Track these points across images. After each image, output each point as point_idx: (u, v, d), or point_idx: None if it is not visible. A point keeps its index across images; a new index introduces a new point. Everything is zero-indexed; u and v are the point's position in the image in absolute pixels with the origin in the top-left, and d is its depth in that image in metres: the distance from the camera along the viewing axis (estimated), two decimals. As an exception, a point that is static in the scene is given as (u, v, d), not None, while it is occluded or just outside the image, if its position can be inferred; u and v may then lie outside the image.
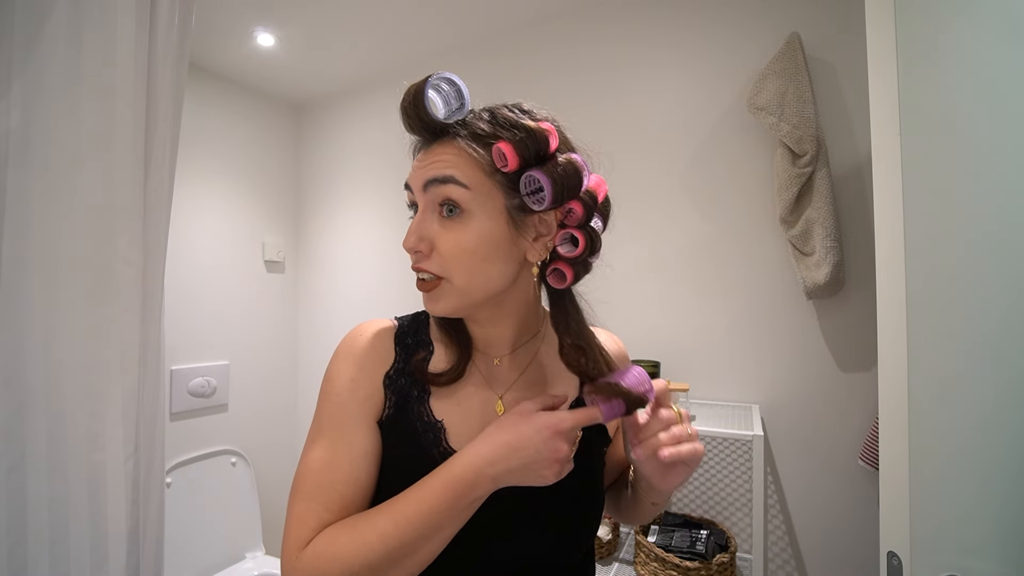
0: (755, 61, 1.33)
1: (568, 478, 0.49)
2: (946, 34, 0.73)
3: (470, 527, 0.48)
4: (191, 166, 1.87)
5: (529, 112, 0.52)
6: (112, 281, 0.83)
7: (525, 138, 0.49)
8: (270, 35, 1.77)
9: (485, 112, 0.53)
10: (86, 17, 0.80)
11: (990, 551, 0.66)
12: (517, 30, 1.74)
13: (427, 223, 0.52)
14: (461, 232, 0.50)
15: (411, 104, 0.50)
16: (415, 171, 0.53)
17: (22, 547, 0.75)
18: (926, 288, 0.71)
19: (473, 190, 0.50)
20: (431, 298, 0.53)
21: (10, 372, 0.75)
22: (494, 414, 0.55)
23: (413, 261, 0.53)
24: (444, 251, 0.51)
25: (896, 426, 0.72)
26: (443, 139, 0.52)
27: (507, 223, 0.51)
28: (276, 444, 2.21)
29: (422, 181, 0.52)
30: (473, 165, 0.50)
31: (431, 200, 0.52)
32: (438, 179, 0.50)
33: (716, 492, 1.38)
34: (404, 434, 0.54)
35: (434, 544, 0.46)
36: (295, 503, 0.51)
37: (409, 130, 0.53)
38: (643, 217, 1.50)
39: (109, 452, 0.82)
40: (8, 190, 0.76)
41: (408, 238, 0.52)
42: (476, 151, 0.50)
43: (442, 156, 0.51)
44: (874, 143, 0.77)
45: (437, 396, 0.55)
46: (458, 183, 0.50)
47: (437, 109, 0.51)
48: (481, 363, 0.59)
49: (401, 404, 0.55)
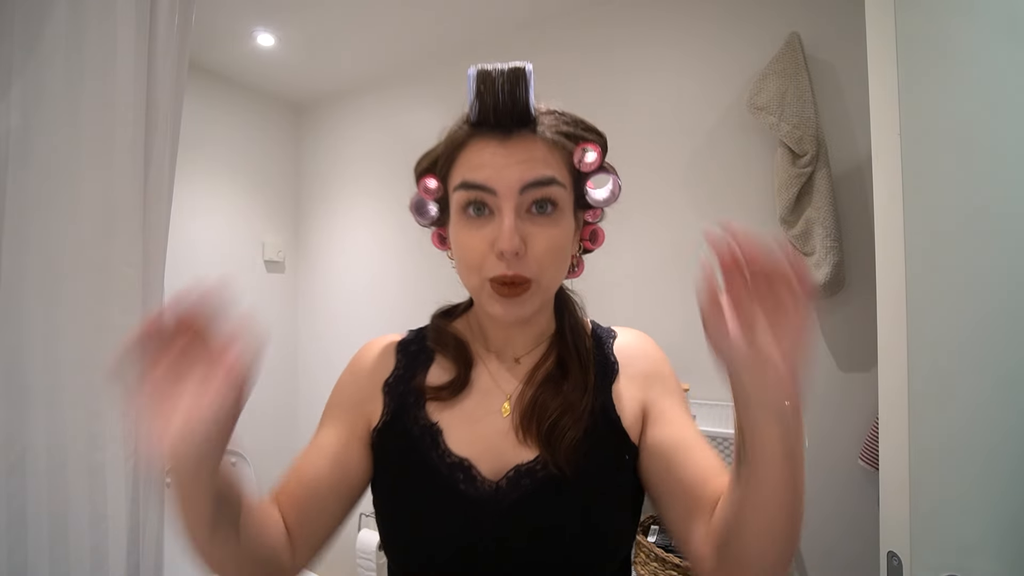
0: (755, 61, 1.32)
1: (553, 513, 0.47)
2: (946, 34, 0.73)
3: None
4: (191, 166, 1.87)
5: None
6: (112, 281, 0.83)
7: (603, 143, 0.52)
8: (270, 35, 1.77)
9: (545, 106, 0.51)
10: (86, 18, 0.80)
11: (990, 551, 0.66)
12: (517, 31, 1.74)
13: (521, 222, 0.48)
14: (553, 229, 0.49)
15: (504, 89, 0.47)
16: (500, 169, 0.47)
17: (22, 547, 0.75)
18: (926, 288, 0.71)
19: (567, 188, 0.50)
20: (518, 303, 0.49)
21: (10, 372, 0.75)
22: (499, 415, 0.53)
23: (505, 267, 0.47)
24: (538, 251, 0.48)
25: (896, 426, 0.72)
26: (520, 132, 0.49)
27: (573, 219, 0.52)
28: (276, 444, 2.21)
29: (518, 183, 0.47)
30: (563, 162, 0.50)
31: (524, 201, 0.48)
32: (541, 181, 0.47)
33: (716, 492, 1.37)
34: (401, 439, 0.53)
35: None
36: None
37: (487, 116, 0.48)
38: (643, 217, 1.50)
39: (109, 452, 0.82)
40: (8, 190, 0.76)
41: (510, 239, 0.46)
42: (562, 148, 0.50)
43: (533, 153, 0.48)
44: (874, 143, 0.77)
45: (435, 403, 0.54)
46: (559, 183, 0.49)
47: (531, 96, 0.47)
48: (492, 364, 0.56)
49: (398, 410, 0.54)
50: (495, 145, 0.48)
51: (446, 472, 0.50)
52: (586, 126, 0.52)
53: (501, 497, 0.48)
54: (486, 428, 0.52)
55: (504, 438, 0.51)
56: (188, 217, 1.88)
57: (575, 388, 0.52)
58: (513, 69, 0.47)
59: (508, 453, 0.50)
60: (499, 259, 0.47)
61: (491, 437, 0.52)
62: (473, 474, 0.50)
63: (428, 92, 1.95)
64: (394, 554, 0.53)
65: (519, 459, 0.50)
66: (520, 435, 0.51)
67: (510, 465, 0.50)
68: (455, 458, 0.50)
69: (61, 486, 0.79)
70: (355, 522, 2.02)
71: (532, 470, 0.49)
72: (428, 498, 0.50)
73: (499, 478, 0.49)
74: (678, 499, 0.48)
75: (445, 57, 1.89)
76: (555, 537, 0.48)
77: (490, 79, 0.47)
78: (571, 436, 0.49)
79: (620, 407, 0.53)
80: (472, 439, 0.52)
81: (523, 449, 0.50)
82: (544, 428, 0.50)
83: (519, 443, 0.50)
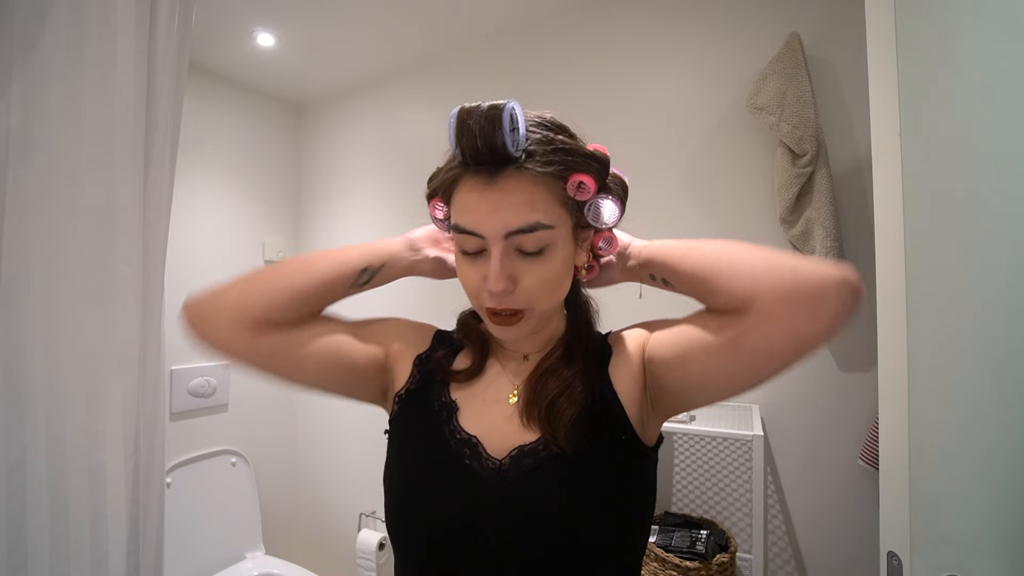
0: (755, 61, 1.32)
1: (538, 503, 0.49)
2: (946, 34, 0.73)
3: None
4: (191, 166, 1.87)
5: (573, 134, 0.52)
6: (112, 281, 0.83)
7: (599, 168, 0.52)
8: (270, 35, 1.77)
9: (536, 135, 0.49)
10: (86, 17, 0.80)
11: (990, 551, 0.66)
12: (518, 32, 1.74)
13: (508, 262, 0.49)
14: (545, 265, 0.50)
15: (480, 132, 0.45)
16: (485, 215, 0.48)
17: (22, 547, 0.75)
18: (926, 288, 0.71)
19: (556, 227, 0.50)
20: (513, 329, 0.52)
21: (10, 372, 0.75)
22: (506, 402, 0.57)
23: (494, 302, 0.50)
24: (530, 286, 0.50)
25: (896, 426, 0.72)
26: (507, 171, 0.48)
27: (572, 241, 0.54)
28: (276, 444, 2.21)
29: (502, 230, 0.48)
30: (551, 199, 0.49)
31: (512, 244, 0.49)
32: (524, 228, 0.48)
33: (716, 492, 1.37)
34: (421, 410, 0.58)
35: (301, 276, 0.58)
36: None
37: (469, 159, 0.48)
38: (643, 217, 1.50)
39: (109, 452, 0.82)
40: (8, 190, 0.76)
41: (497, 282, 0.48)
42: (550, 183, 0.49)
43: (518, 195, 0.48)
44: (874, 143, 0.77)
45: (456, 384, 0.59)
46: (544, 227, 0.48)
47: (510, 138, 0.46)
48: (505, 358, 0.61)
49: (424, 383, 0.59)
50: (481, 187, 0.48)
51: (455, 447, 0.54)
52: (579, 153, 0.50)
53: (503, 475, 0.51)
54: (495, 412, 0.56)
55: (509, 422, 0.55)
56: (188, 217, 1.88)
57: (576, 375, 0.55)
58: (490, 111, 0.45)
59: (513, 435, 0.54)
60: (489, 296, 0.50)
61: (497, 420, 0.55)
62: (479, 451, 0.53)
63: (428, 92, 1.95)
64: (396, 527, 0.55)
65: (523, 440, 0.53)
66: (524, 419, 0.54)
67: (513, 445, 0.53)
68: (464, 435, 0.54)
69: (61, 486, 0.79)
70: (355, 522, 2.02)
71: (534, 450, 0.52)
72: (435, 468, 0.54)
73: (503, 457, 0.52)
74: (698, 356, 0.49)
75: (445, 57, 1.89)
76: (555, 516, 0.49)
77: (466, 124, 0.46)
78: (569, 414, 0.52)
79: (618, 387, 0.55)
80: (481, 421, 0.55)
81: (527, 432, 0.53)
82: (544, 407, 0.53)
83: (523, 427, 0.54)
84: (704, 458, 1.39)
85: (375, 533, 1.92)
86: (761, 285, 0.44)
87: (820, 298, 0.42)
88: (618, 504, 0.51)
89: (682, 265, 0.52)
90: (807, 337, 0.42)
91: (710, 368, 0.48)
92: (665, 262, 0.54)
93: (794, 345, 0.43)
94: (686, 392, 0.52)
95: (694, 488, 1.40)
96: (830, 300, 0.41)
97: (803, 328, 0.42)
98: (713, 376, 0.49)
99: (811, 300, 0.42)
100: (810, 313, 0.42)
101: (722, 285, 0.47)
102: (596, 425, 0.53)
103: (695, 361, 0.49)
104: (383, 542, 1.89)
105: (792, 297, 0.42)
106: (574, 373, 0.55)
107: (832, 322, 0.42)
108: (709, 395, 0.51)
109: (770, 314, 0.43)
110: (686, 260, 0.52)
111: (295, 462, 2.29)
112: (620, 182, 0.57)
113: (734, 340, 0.46)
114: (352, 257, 0.60)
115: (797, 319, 0.42)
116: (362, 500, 2.04)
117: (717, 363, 0.48)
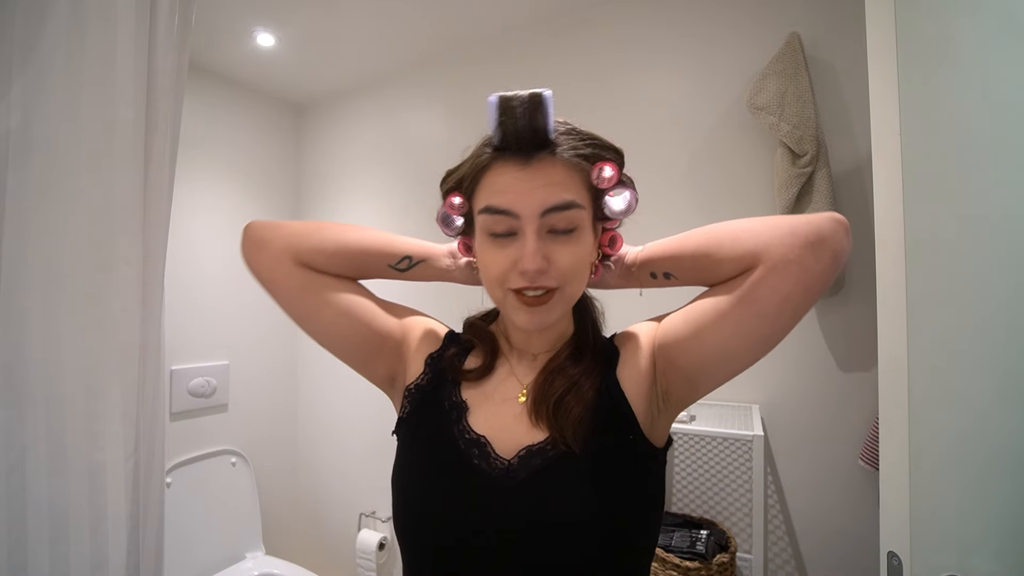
0: (755, 61, 1.33)
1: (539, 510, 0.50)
2: (946, 33, 0.73)
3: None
4: (191, 166, 1.87)
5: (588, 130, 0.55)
6: (112, 281, 0.83)
7: (619, 160, 0.55)
8: (270, 35, 1.77)
9: (561, 126, 0.53)
10: (86, 17, 0.80)
11: (990, 551, 0.66)
12: (518, 31, 1.74)
13: (543, 242, 0.51)
14: (577, 245, 0.52)
15: (524, 116, 0.49)
16: (522, 194, 0.50)
17: (22, 547, 0.75)
18: (926, 288, 0.71)
19: (585, 208, 0.53)
20: (544, 310, 0.53)
21: (10, 372, 0.75)
22: (515, 401, 0.57)
23: (530, 280, 0.51)
24: (564, 265, 0.52)
25: (896, 426, 0.72)
26: (541, 155, 0.51)
27: (593, 230, 0.56)
28: (276, 444, 2.21)
29: (539, 208, 0.50)
30: (581, 183, 0.53)
31: (547, 223, 0.51)
32: (560, 206, 0.51)
33: (716, 492, 1.37)
34: (432, 410, 0.59)
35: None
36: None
37: (509, 142, 0.51)
38: (643, 217, 1.50)
39: (109, 452, 0.82)
40: (8, 190, 0.76)
41: (534, 259, 0.50)
42: (580, 168, 0.52)
43: (553, 176, 0.51)
44: (874, 143, 0.77)
45: (467, 384, 0.60)
46: (578, 206, 0.52)
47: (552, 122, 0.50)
48: (514, 358, 0.62)
49: (435, 383, 0.61)
50: (516, 169, 0.51)
51: (464, 447, 0.54)
52: (603, 144, 0.55)
53: (512, 475, 0.52)
54: (504, 412, 0.57)
55: (518, 421, 0.55)
56: (188, 217, 1.88)
57: (583, 373, 0.56)
58: (533, 96, 0.49)
59: (521, 435, 0.54)
60: (522, 276, 0.51)
61: (506, 419, 0.56)
62: (488, 451, 0.54)
63: (428, 92, 1.95)
64: (403, 526, 0.55)
65: (531, 440, 0.53)
66: (533, 418, 0.55)
67: (522, 445, 0.53)
68: (473, 435, 0.55)
69: (61, 486, 0.78)
70: (355, 522, 2.02)
71: (542, 450, 0.52)
72: (443, 468, 0.55)
73: (511, 457, 0.53)
74: (710, 327, 0.51)
75: (445, 57, 1.89)
76: (561, 516, 0.49)
77: (511, 107, 0.49)
78: (576, 412, 0.53)
79: (624, 385, 0.56)
80: (490, 421, 0.56)
81: (535, 431, 0.54)
82: (551, 404, 0.54)
83: (532, 426, 0.54)
84: (704, 458, 1.39)
85: (375, 533, 1.92)
86: (763, 240, 0.48)
87: (819, 237, 0.46)
88: (625, 506, 0.51)
89: (683, 249, 0.55)
90: (815, 275, 0.46)
91: (726, 332, 0.50)
92: (666, 254, 0.57)
93: (804, 286, 0.46)
94: (704, 369, 0.53)
95: (694, 488, 1.40)
96: (828, 238, 0.46)
97: (810, 266, 0.46)
98: (730, 340, 0.50)
99: (812, 240, 0.46)
100: (813, 252, 0.46)
101: (726, 252, 0.51)
102: (603, 424, 0.53)
103: (710, 330, 0.51)
104: (383, 542, 1.89)
105: (795, 242, 0.47)
106: (581, 371, 0.56)
107: (834, 256, 0.46)
108: (727, 364, 0.52)
109: (778, 261, 0.47)
110: (687, 244, 0.55)
111: (295, 462, 2.29)
112: (632, 181, 0.59)
113: (747, 295, 0.48)
114: (400, 242, 0.65)
115: (803, 260, 0.46)
116: (362, 500, 2.04)
117: (733, 325, 0.49)
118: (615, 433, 0.53)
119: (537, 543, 0.49)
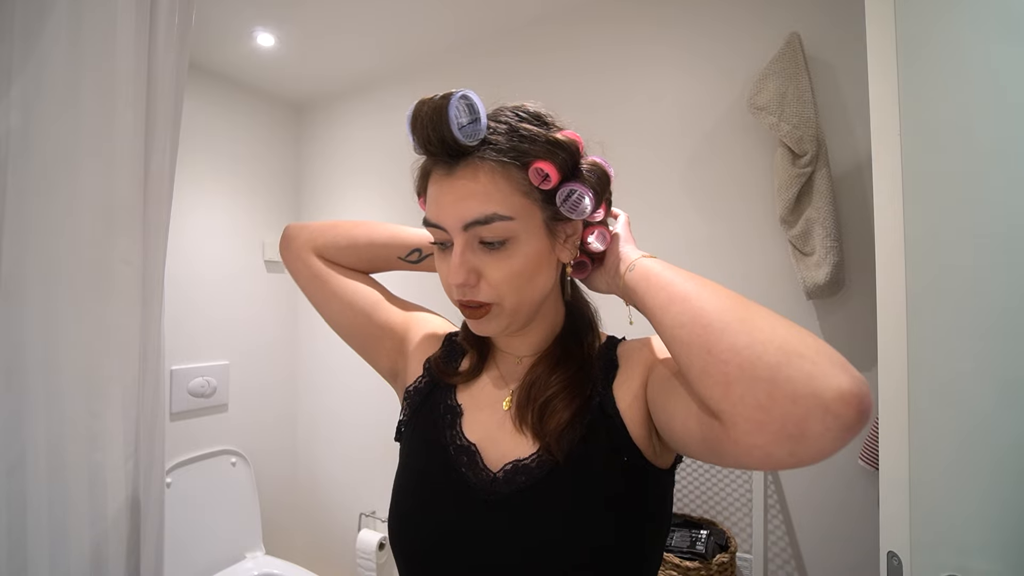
0: (755, 61, 1.32)
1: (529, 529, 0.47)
2: (946, 34, 0.73)
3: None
4: (191, 166, 1.87)
5: (548, 122, 0.50)
6: (112, 281, 0.83)
7: (563, 155, 0.48)
8: (270, 35, 1.77)
9: (502, 125, 0.48)
10: (86, 17, 0.80)
11: (990, 551, 0.66)
12: (517, 30, 1.74)
13: (471, 255, 0.48)
14: (509, 259, 0.48)
15: (429, 123, 0.46)
16: (445, 206, 0.48)
17: (22, 547, 0.75)
18: (926, 288, 0.71)
19: (517, 218, 0.47)
20: (481, 323, 0.52)
21: (10, 372, 0.75)
22: (500, 408, 0.56)
23: (458, 294, 0.50)
24: (494, 280, 0.49)
25: (896, 426, 0.72)
26: (467, 161, 0.47)
27: (546, 235, 0.51)
28: (276, 444, 2.21)
29: (460, 222, 0.47)
30: (511, 189, 0.47)
31: (472, 237, 0.48)
32: (479, 220, 0.47)
33: (716, 492, 1.37)
34: (428, 413, 0.59)
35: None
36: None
37: (424, 151, 0.49)
38: (643, 217, 1.50)
39: (109, 452, 0.82)
40: (8, 190, 0.76)
41: (455, 274, 0.48)
42: (510, 172, 0.47)
43: (474, 186, 0.47)
44: (874, 143, 0.77)
45: (461, 387, 0.60)
46: (502, 218, 0.47)
47: (459, 128, 0.45)
48: (502, 361, 0.61)
49: (432, 386, 0.61)
50: (442, 178, 0.49)
51: (454, 454, 0.54)
52: (542, 140, 0.48)
53: (495, 488, 0.50)
54: (489, 418, 0.56)
55: (502, 428, 0.54)
56: (188, 216, 1.88)
57: (569, 375, 0.53)
58: (439, 102, 0.45)
59: (507, 444, 0.52)
60: (454, 288, 0.50)
61: (492, 426, 0.55)
62: (476, 460, 0.52)
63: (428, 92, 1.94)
64: (392, 529, 0.56)
65: (517, 453, 0.51)
66: (517, 423, 0.53)
67: (509, 458, 0.51)
68: (465, 442, 0.54)
69: (61, 486, 0.78)
70: (355, 522, 2.02)
71: (528, 467, 0.50)
72: (432, 474, 0.54)
73: (497, 470, 0.51)
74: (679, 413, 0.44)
75: (445, 57, 1.89)
76: (539, 541, 0.47)
77: (419, 114, 0.47)
78: (561, 417, 0.50)
79: (620, 404, 0.51)
80: (481, 426, 0.55)
81: (521, 439, 0.52)
82: (535, 409, 0.51)
83: (516, 431, 0.52)
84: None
85: (375, 533, 1.92)
86: (730, 399, 0.36)
87: (800, 432, 0.33)
88: (611, 532, 0.47)
89: (659, 318, 0.44)
90: (788, 465, 0.35)
91: (691, 452, 0.44)
92: (645, 302, 0.47)
93: (775, 467, 0.36)
94: (673, 446, 0.48)
95: (694, 488, 1.40)
96: (812, 436, 0.33)
97: (780, 458, 0.35)
98: (696, 454, 0.44)
99: (788, 432, 0.33)
100: (788, 447, 0.34)
101: (692, 375, 0.40)
102: (593, 439, 0.49)
103: (678, 435, 0.45)
104: (383, 542, 1.89)
105: (766, 427, 0.34)
106: (567, 378, 0.53)
107: (816, 455, 0.33)
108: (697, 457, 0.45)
109: (738, 440, 0.36)
110: (665, 314, 0.44)
111: (295, 462, 2.29)
112: (598, 171, 0.51)
113: (710, 444, 0.40)
114: (410, 235, 0.67)
115: (769, 450, 0.35)
116: (362, 500, 2.04)
117: (698, 453, 0.43)
118: (606, 449, 0.49)
119: (513, 561, 0.47)
